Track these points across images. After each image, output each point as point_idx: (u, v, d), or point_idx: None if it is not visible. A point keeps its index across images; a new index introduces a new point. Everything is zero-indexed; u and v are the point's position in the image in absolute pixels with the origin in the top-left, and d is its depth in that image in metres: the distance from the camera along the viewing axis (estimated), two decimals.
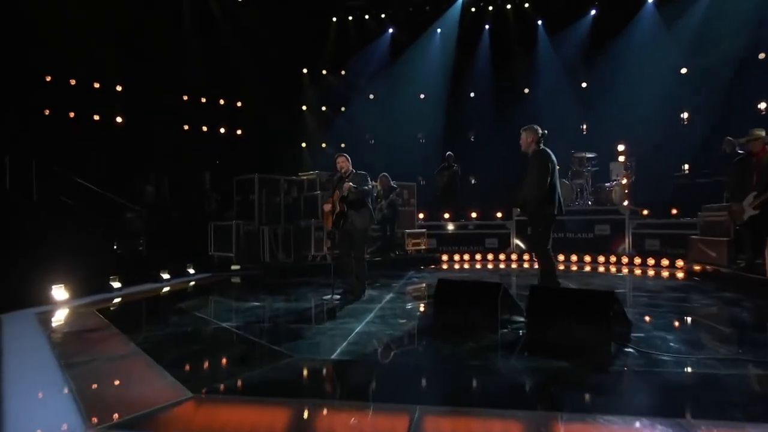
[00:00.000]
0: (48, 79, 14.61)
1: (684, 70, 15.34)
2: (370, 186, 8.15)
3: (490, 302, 5.74)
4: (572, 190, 13.83)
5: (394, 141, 18.62)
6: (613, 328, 4.98)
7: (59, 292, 7.89)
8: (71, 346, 5.29)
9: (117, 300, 8.31)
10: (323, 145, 19.72)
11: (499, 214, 14.60)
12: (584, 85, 16.77)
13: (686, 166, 13.59)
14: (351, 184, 7.79)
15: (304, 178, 12.53)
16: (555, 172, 7.03)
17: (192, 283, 10.22)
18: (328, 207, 8.07)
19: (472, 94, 18.80)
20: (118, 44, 14.43)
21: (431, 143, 18.23)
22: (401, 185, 12.78)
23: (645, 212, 12.88)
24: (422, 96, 19.03)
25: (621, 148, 14.14)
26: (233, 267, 11.04)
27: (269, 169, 16.25)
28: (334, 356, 4.82)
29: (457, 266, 13.25)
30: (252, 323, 6.38)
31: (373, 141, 19.67)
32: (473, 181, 17.01)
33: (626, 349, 4.95)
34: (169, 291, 9.19)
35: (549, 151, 7.03)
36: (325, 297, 7.99)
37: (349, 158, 8.19)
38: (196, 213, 14.72)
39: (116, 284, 8.85)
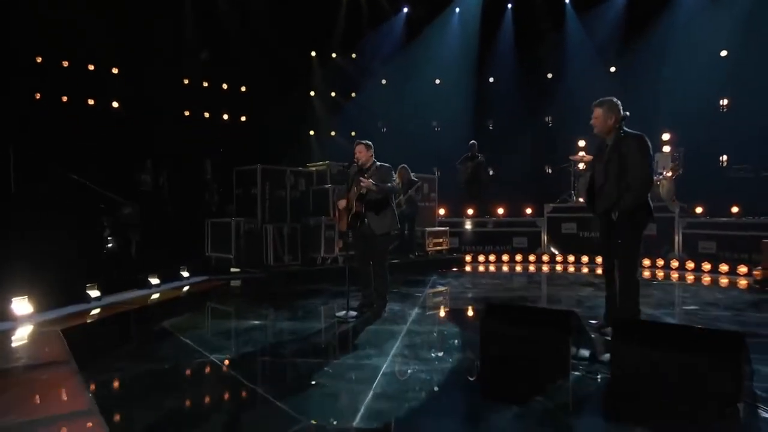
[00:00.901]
0: (39, 60, 13.29)
1: (724, 53, 13.80)
2: (395, 182, 6.76)
3: (558, 336, 4.37)
4: None
5: (408, 129, 17.23)
6: (744, 381, 3.61)
7: (21, 306, 6.57)
8: None
9: (94, 312, 7.01)
10: (332, 133, 18.38)
11: (528, 210, 13.20)
12: (613, 69, 15.24)
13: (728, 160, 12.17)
14: (370, 181, 6.41)
15: (313, 169, 11.16)
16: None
17: (186, 288, 8.92)
18: (342, 204, 6.73)
19: (491, 79, 17.33)
20: (116, 25, 13.08)
21: (447, 131, 16.84)
22: (420, 178, 11.39)
23: (699, 210, 11.44)
24: (438, 81, 17.61)
25: (666, 137, 12.69)
26: (233, 270, 9.70)
27: (274, 158, 14.96)
28: (356, 423, 3.47)
29: (481, 268, 11.88)
30: (249, 356, 5.05)
31: (385, 129, 18.32)
32: (490, 172, 15.58)
33: (763, 413, 3.58)
34: (156, 301, 7.88)
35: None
36: (338, 314, 6.66)
37: (370, 146, 6.82)
38: (195, 206, 13.43)
39: (94, 293, 7.53)
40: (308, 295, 8.26)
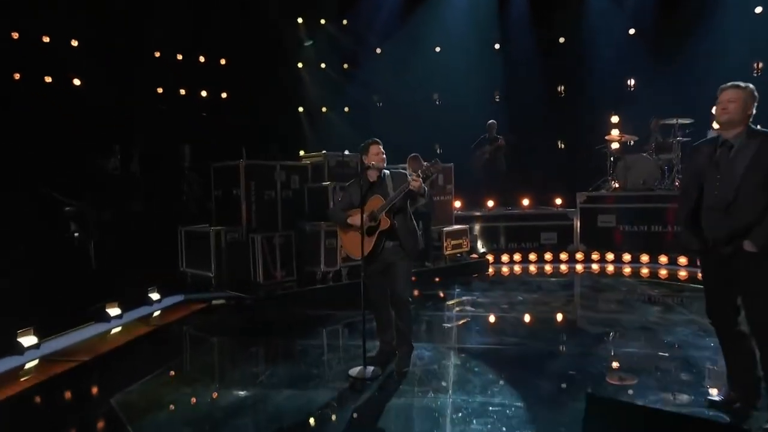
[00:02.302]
0: None
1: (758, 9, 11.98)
2: (425, 191, 5.10)
3: None
4: (658, 168, 10.69)
5: (407, 103, 15.26)
6: None
7: None
8: None
9: (22, 370, 5.28)
10: (323, 109, 16.44)
11: (558, 201, 11.50)
12: (632, 31, 13.29)
13: None
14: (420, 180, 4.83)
15: (308, 162, 9.32)
16: None
17: (156, 315, 7.25)
18: (355, 220, 5.03)
19: (497, 46, 15.26)
20: None
21: (449, 105, 14.93)
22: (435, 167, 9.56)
23: None
24: (438, 49, 15.61)
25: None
26: (214, 301, 7.92)
27: (260, 141, 13.10)
28: None
29: (506, 270, 10.24)
30: None
31: (381, 103, 16.34)
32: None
33: None
34: (110, 348, 6.11)
35: None
36: (353, 372, 4.99)
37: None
38: (171, 203, 11.62)
39: (27, 340, 5.77)
40: (309, 329, 6.59)
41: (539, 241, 10.94)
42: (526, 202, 11.94)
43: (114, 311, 6.97)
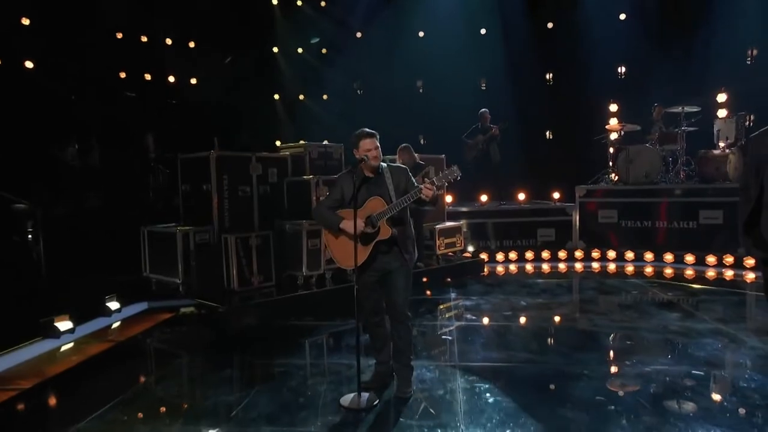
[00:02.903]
0: None
1: None
2: (436, 200, 4.41)
3: None
4: (661, 160, 10.12)
5: (390, 91, 14.48)
6: None
7: None
8: None
9: None
10: (300, 96, 15.61)
11: (556, 195, 10.87)
12: (623, 17, 12.66)
13: None
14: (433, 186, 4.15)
15: (287, 154, 8.51)
16: None
17: (114, 327, 6.42)
18: (349, 226, 4.31)
19: (483, 31, 14.51)
20: None
21: (433, 93, 14.19)
22: (426, 160, 8.91)
23: None
24: (421, 34, 14.83)
25: (722, 98, 10.43)
26: (182, 309, 7.11)
27: (232, 131, 12.26)
28: None
29: (501, 270, 9.59)
30: None
31: (361, 91, 15.55)
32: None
33: None
34: (54, 372, 5.29)
35: None
36: (345, 402, 4.29)
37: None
38: (133, 197, 10.77)
39: None
40: (292, 345, 5.84)
41: (536, 238, 10.31)
42: (521, 196, 11.29)
43: (64, 325, 6.15)
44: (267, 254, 7.46)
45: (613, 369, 5.08)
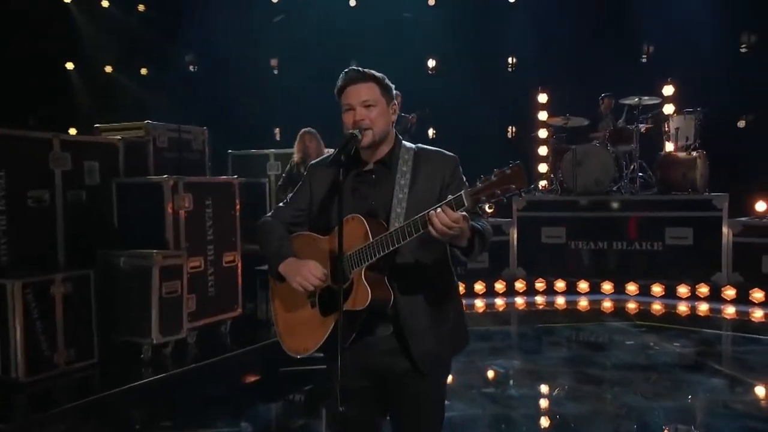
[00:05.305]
0: None
1: None
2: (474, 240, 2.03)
3: None
4: (614, 163, 8.66)
5: (242, 70, 11.83)
6: None
7: None
8: None
9: None
10: (107, 69, 12.24)
11: (488, 208, 8.93)
12: None
13: None
14: (460, 213, 1.93)
15: (116, 138, 5.52)
16: None
17: None
18: (294, 270, 2.28)
19: (431, 2, 12.25)
20: None
21: (292, 73, 11.73)
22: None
23: (762, 207, 7.98)
24: (353, 3, 12.21)
25: (669, 91, 9.25)
26: None
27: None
28: None
29: None
30: None
31: (196, 68, 12.65)
32: (432, 133, 11.12)
33: None
34: None
35: None
36: None
37: None
38: None
39: None
40: None
41: (466, 266, 8.28)
42: None
43: None
44: (84, 310, 4.48)
45: None
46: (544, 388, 5.01)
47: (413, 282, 2.22)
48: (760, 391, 4.95)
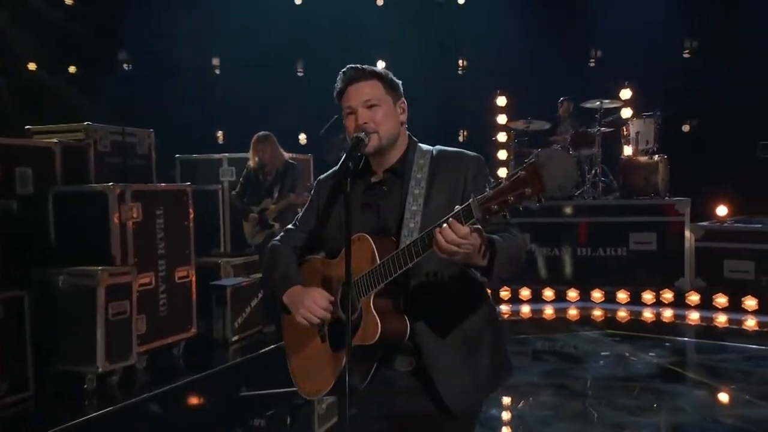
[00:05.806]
0: None
1: None
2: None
3: None
4: (577, 168, 8.60)
5: (182, 70, 11.25)
6: None
7: None
8: None
9: None
10: (30, 66, 11.42)
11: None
12: None
13: None
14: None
15: (54, 141, 5.00)
16: None
17: None
18: (298, 299, 2.02)
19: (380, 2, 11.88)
20: None
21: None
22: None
23: (723, 211, 8.08)
24: (298, 1, 11.71)
25: (627, 94, 9.28)
26: None
27: None
28: None
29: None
30: None
31: (130, 66, 11.88)
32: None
33: None
34: None
35: None
36: None
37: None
38: None
39: None
40: None
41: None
42: None
43: None
44: (16, 337, 4.01)
45: None
46: (527, 407, 4.78)
47: (436, 308, 1.93)
48: (744, 399, 4.85)
